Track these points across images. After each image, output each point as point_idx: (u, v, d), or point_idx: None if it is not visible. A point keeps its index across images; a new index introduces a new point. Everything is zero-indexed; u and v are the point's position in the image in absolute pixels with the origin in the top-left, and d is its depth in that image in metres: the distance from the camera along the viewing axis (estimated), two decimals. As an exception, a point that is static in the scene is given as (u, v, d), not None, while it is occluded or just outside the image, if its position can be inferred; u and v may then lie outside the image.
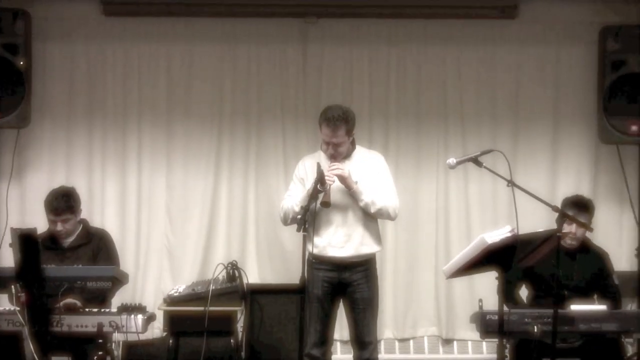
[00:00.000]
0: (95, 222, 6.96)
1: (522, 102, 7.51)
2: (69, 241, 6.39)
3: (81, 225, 6.47)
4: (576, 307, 5.83)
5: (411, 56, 7.50)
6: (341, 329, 6.82)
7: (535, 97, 7.51)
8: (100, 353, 5.62)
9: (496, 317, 5.35)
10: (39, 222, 6.33)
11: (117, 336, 5.90)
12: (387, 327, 7.44)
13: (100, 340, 5.67)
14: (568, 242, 6.14)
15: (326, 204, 5.75)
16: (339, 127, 5.87)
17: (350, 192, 5.90)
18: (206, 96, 7.48)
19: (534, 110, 7.50)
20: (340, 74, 7.50)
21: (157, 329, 7.03)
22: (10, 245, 5.57)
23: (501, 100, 7.51)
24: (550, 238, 5.37)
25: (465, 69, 7.50)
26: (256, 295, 6.91)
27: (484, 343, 7.27)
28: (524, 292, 6.46)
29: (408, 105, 7.51)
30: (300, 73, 7.50)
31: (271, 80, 7.49)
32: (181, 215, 7.49)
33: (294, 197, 6.02)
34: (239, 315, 6.35)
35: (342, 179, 5.84)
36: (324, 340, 6.03)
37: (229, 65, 7.47)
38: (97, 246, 6.42)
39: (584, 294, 6.20)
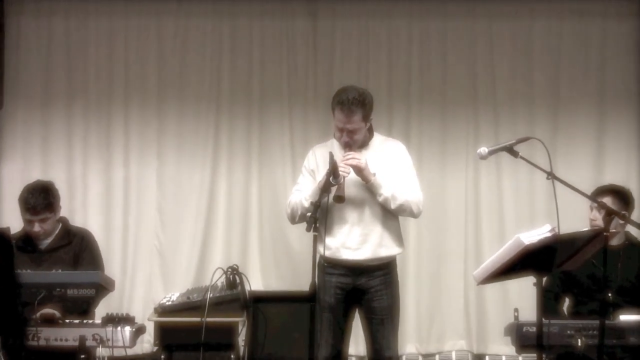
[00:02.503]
0: (77, 221, 6.92)
1: (562, 84, 7.55)
2: (46, 242, 6.35)
3: (60, 225, 6.44)
4: (625, 318, 5.78)
5: (436, 32, 7.57)
6: (357, 342, 6.83)
7: (577, 78, 7.56)
8: (82, 370, 5.66)
9: (534, 329, 5.29)
10: (12, 221, 6.31)
11: (101, 351, 5.86)
12: (409, 341, 7.47)
13: (83, 356, 5.65)
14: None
15: (340, 199, 5.65)
16: (354, 112, 5.77)
17: (368, 185, 5.80)
18: (202, 77, 7.57)
19: (575, 93, 7.55)
20: (355, 52, 7.56)
21: (147, 343, 7.15)
22: (-21, 246, 5.53)
23: (538, 81, 7.56)
24: (595, 238, 5.29)
25: (498, 47, 7.57)
26: (260, 304, 6.88)
27: (520, 358, 7.23)
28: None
29: (432, 88, 7.57)
30: (309, 51, 7.58)
31: (276, 59, 7.57)
32: (174, 213, 7.54)
33: (302, 192, 5.91)
34: (240, 327, 6.29)
35: (358, 170, 5.74)
36: (337, 355, 5.94)
37: (228, 42, 7.57)
38: (78, 248, 6.39)
39: (629, 296, 6.16)
